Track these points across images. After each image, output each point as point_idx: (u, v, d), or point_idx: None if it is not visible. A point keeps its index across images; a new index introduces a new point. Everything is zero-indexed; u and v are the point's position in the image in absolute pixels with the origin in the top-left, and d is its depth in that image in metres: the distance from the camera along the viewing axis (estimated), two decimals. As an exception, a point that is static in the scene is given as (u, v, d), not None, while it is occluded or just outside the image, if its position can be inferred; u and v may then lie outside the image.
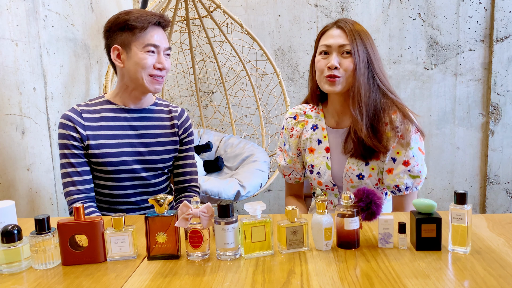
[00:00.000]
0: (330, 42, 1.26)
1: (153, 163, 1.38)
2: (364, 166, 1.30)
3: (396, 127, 1.25)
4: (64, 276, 0.88)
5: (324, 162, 1.36)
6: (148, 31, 1.29)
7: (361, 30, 1.27)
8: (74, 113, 1.32)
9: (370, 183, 1.31)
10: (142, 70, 1.30)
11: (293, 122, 1.44)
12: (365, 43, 1.25)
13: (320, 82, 1.30)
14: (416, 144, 1.26)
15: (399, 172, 1.26)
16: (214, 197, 1.98)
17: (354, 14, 2.76)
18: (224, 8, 2.37)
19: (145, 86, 1.32)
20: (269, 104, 2.85)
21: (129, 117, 1.37)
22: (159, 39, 1.31)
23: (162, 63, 1.32)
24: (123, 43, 1.31)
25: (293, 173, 1.47)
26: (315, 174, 1.38)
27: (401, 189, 1.27)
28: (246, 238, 0.92)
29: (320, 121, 1.39)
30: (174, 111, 1.46)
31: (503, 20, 2.68)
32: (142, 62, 1.29)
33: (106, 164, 1.32)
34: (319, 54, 1.29)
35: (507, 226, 1.07)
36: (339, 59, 1.25)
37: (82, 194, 1.31)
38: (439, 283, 0.78)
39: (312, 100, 1.42)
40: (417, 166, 1.26)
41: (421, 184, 1.29)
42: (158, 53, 1.32)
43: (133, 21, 1.28)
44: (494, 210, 2.86)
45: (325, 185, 1.37)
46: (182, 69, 2.91)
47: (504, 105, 2.76)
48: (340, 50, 1.25)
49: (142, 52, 1.29)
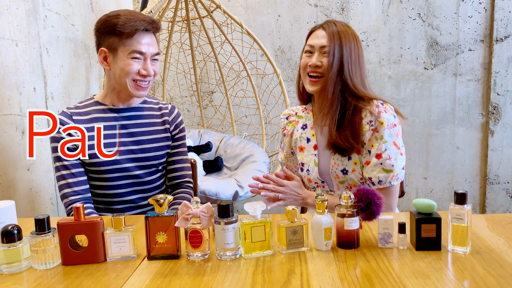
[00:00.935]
0: (313, 42, 1.33)
1: (146, 161, 1.39)
2: (347, 161, 1.32)
3: (370, 121, 1.28)
4: (64, 276, 0.88)
5: (313, 160, 1.39)
6: (135, 37, 1.29)
7: (343, 31, 1.31)
8: (65, 116, 1.33)
9: (355, 178, 1.33)
10: (126, 76, 1.30)
11: (285, 122, 1.52)
12: (343, 45, 1.29)
13: (304, 81, 1.36)
14: (390, 138, 1.27)
15: (372, 165, 1.29)
16: (212, 197, 1.98)
17: (354, 14, 2.76)
18: (224, 8, 2.37)
19: (129, 91, 1.33)
20: (269, 105, 2.85)
21: (119, 116, 1.38)
22: (146, 45, 1.31)
23: (147, 69, 1.31)
24: (110, 46, 1.31)
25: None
26: (305, 171, 1.42)
27: (374, 182, 1.29)
28: (246, 238, 0.92)
29: (309, 120, 1.44)
30: (164, 108, 1.47)
31: (503, 20, 2.68)
32: (126, 68, 1.29)
33: (99, 164, 1.33)
34: (305, 52, 1.37)
35: (507, 226, 1.07)
36: (320, 58, 1.31)
37: (78, 195, 1.31)
38: (439, 283, 0.78)
39: (300, 99, 1.48)
40: (390, 160, 1.27)
41: (396, 180, 1.28)
42: (144, 59, 1.31)
43: (120, 26, 1.27)
44: (494, 210, 2.86)
45: (314, 182, 1.40)
46: (183, 69, 2.91)
47: (504, 105, 2.76)
48: (321, 50, 1.31)
49: (127, 58, 1.29)
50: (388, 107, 1.31)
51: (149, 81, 1.34)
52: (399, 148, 1.30)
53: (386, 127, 1.27)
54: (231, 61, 2.79)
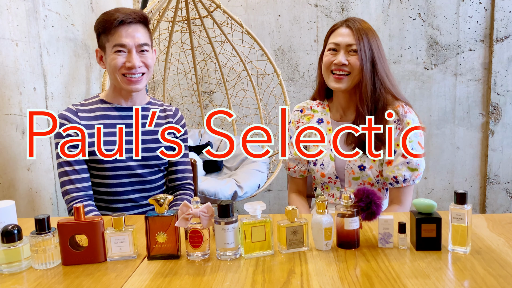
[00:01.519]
0: (338, 40, 1.32)
1: (149, 160, 1.39)
2: (365, 157, 1.33)
3: (397, 120, 1.30)
4: (64, 276, 0.88)
5: (328, 154, 1.39)
6: (116, 31, 1.28)
7: (368, 29, 1.33)
8: (70, 112, 1.33)
9: (371, 174, 1.34)
10: (115, 71, 1.31)
11: (299, 115, 1.50)
12: (371, 42, 1.31)
13: (327, 79, 1.36)
14: (416, 138, 1.30)
15: (398, 164, 1.30)
16: (210, 197, 1.98)
17: (354, 14, 2.75)
18: (224, 8, 2.37)
19: (122, 86, 1.33)
20: (269, 104, 2.85)
21: (124, 115, 1.38)
22: (127, 37, 1.29)
23: (130, 61, 1.29)
24: (100, 45, 1.34)
25: (298, 165, 1.49)
26: (318, 165, 1.41)
27: (399, 180, 1.30)
28: (246, 238, 0.92)
29: (326, 115, 1.44)
30: (168, 110, 1.48)
31: (503, 20, 2.68)
32: (112, 63, 1.30)
33: (102, 162, 1.33)
34: (328, 50, 1.36)
35: (507, 226, 1.07)
36: (346, 57, 1.31)
37: (80, 192, 1.31)
38: (439, 283, 0.78)
39: (320, 95, 1.47)
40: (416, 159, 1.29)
41: (419, 178, 1.32)
42: (128, 51, 1.30)
43: (104, 22, 1.28)
44: (494, 210, 2.86)
45: (328, 176, 1.40)
46: (183, 69, 2.91)
47: (504, 105, 2.76)
48: (348, 48, 1.31)
49: (111, 53, 1.30)
50: (411, 108, 1.34)
51: (142, 73, 1.32)
52: (423, 148, 1.33)
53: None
54: (231, 61, 2.79)
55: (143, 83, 1.35)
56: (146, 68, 1.33)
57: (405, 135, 1.27)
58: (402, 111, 1.31)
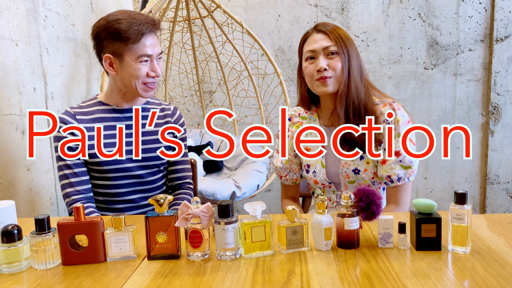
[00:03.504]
0: (314, 46, 1.29)
1: (148, 161, 1.39)
2: (359, 160, 1.32)
3: (386, 119, 1.28)
4: (64, 276, 0.88)
5: (319, 161, 1.37)
6: (141, 41, 1.28)
7: (341, 31, 1.31)
8: (68, 115, 1.33)
9: (366, 177, 1.33)
10: (136, 80, 1.30)
11: (288, 124, 1.48)
12: (347, 43, 1.29)
13: (313, 86, 1.33)
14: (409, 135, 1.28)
15: (391, 162, 1.29)
16: (208, 197, 1.98)
17: (354, 14, 2.76)
18: (224, 8, 2.37)
19: (139, 93, 1.33)
20: (270, 104, 2.85)
21: (122, 117, 1.38)
22: (152, 47, 1.30)
23: (155, 71, 1.31)
24: (115, 52, 1.29)
25: (290, 173, 1.49)
26: (311, 173, 1.40)
27: (393, 179, 1.29)
28: (246, 238, 0.92)
29: (314, 121, 1.42)
30: (167, 109, 1.47)
31: (503, 20, 2.68)
32: (136, 73, 1.29)
33: (102, 163, 1.33)
34: (306, 60, 1.32)
35: (507, 226, 1.07)
36: (326, 61, 1.28)
37: (80, 195, 1.31)
38: (439, 283, 0.78)
39: (303, 106, 1.45)
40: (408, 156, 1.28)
41: (413, 175, 1.31)
42: (151, 61, 1.31)
43: (125, 32, 1.25)
44: (494, 210, 2.86)
45: (321, 183, 1.39)
46: (185, 69, 2.91)
47: (504, 105, 2.76)
48: (326, 52, 1.28)
49: (135, 62, 1.29)
50: (399, 105, 1.32)
51: (156, 82, 1.35)
52: (415, 144, 1.31)
53: (402, 124, 1.28)
54: (232, 61, 2.79)
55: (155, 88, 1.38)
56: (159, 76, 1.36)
57: (405, 136, 1.27)
58: (390, 110, 1.29)
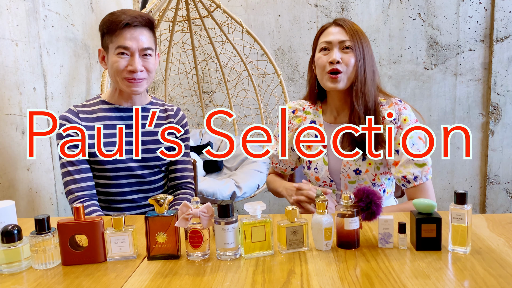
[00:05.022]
0: (330, 38, 1.28)
1: (150, 161, 1.39)
2: (361, 161, 1.31)
3: (394, 119, 1.27)
4: (64, 276, 0.88)
5: (322, 158, 1.37)
6: (120, 33, 1.27)
7: (359, 29, 1.31)
8: (71, 113, 1.34)
9: (367, 178, 1.32)
10: (116, 74, 1.30)
11: (291, 116, 1.46)
12: (363, 41, 1.28)
13: (322, 79, 1.31)
14: (415, 133, 1.27)
15: (403, 162, 1.26)
16: (209, 197, 1.98)
17: (354, 14, 2.76)
18: (224, 8, 2.37)
19: (124, 89, 1.32)
20: (270, 104, 2.85)
21: (125, 116, 1.38)
22: (133, 40, 1.28)
23: (133, 65, 1.28)
24: (104, 45, 1.34)
25: (280, 163, 1.50)
26: (312, 170, 1.40)
27: (409, 179, 1.25)
28: (246, 238, 0.92)
29: (318, 117, 1.41)
30: (170, 110, 1.47)
31: (503, 20, 2.68)
32: (114, 65, 1.29)
33: (103, 163, 1.33)
34: (320, 51, 1.31)
35: (507, 226, 1.07)
36: (340, 55, 1.27)
37: (84, 191, 1.31)
38: (439, 283, 0.78)
39: (310, 99, 1.44)
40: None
41: (430, 173, 1.26)
42: (131, 55, 1.29)
43: (109, 23, 1.28)
44: (494, 210, 2.86)
45: (323, 180, 1.38)
46: (184, 69, 2.91)
47: (504, 105, 2.76)
48: (341, 45, 1.27)
49: (114, 54, 1.29)
50: (406, 104, 1.31)
51: (142, 78, 1.31)
52: (425, 142, 1.28)
53: (410, 123, 1.26)
54: (232, 61, 2.80)
55: (144, 86, 1.34)
56: (147, 73, 1.32)
57: (405, 135, 1.26)
58: (397, 109, 1.28)
